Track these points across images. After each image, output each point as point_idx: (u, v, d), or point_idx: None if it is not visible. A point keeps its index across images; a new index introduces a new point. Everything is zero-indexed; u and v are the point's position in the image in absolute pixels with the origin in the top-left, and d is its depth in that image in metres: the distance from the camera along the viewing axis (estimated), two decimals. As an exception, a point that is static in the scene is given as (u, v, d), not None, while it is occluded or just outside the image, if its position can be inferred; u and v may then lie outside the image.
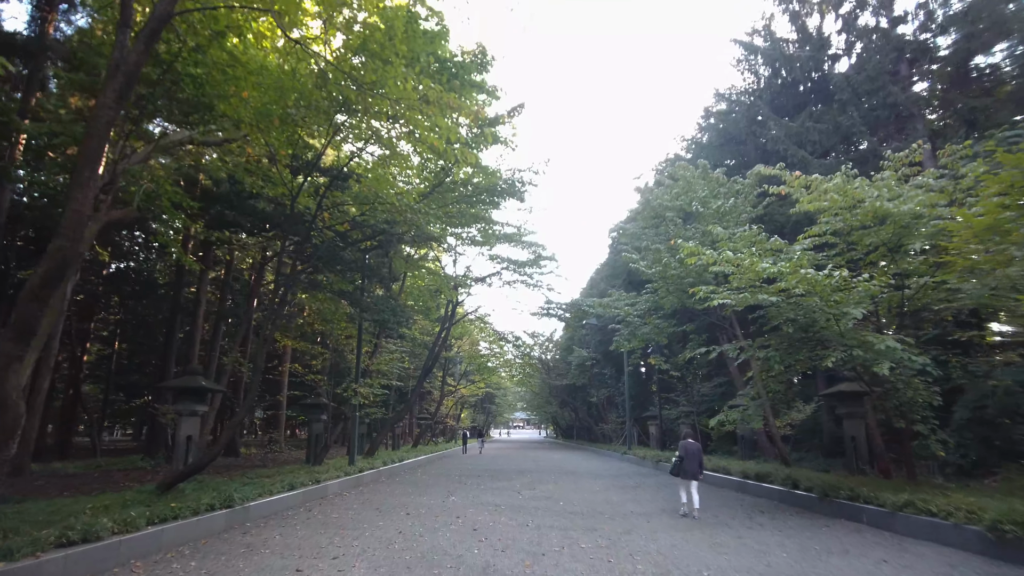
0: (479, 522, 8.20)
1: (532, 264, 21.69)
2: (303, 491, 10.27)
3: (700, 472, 8.78)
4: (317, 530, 7.56)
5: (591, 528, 7.72)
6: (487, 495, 11.50)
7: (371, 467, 15.27)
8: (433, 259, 21.63)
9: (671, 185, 14.24)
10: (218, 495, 7.82)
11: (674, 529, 7.71)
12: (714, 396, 21.49)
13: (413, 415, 35.39)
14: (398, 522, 8.18)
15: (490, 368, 32.82)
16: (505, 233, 20.71)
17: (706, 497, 11.19)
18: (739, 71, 23.24)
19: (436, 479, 15.20)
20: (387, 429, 20.26)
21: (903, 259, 9.40)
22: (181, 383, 10.91)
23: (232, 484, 9.33)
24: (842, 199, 8.73)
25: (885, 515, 7.61)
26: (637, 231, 15.46)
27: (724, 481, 13.14)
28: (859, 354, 7.66)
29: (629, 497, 11.24)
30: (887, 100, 17.68)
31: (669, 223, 13.77)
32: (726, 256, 8.91)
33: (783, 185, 10.38)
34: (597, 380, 37.07)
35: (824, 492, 8.98)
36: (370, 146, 9.91)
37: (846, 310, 7.81)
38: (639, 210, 17.12)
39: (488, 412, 64.65)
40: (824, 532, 7.55)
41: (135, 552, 5.81)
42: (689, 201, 12.99)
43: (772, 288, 8.63)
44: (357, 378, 14.60)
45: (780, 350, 8.96)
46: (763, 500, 10.72)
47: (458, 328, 27.54)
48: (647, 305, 14.50)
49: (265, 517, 8.50)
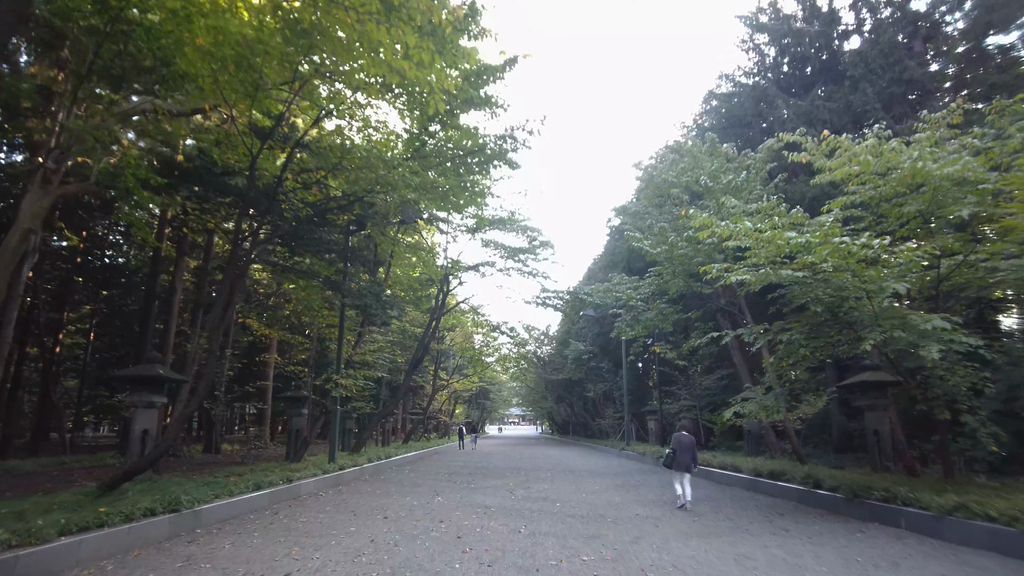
0: (465, 528, 7.19)
1: (528, 252, 20.65)
2: (271, 492, 9.23)
3: (694, 465, 8.77)
4: (276, 538, 6.53)
5: (593, 535, 6.72)
6: (477, 495, 10.49)
7: (354, 464, 14.24)
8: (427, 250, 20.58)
9: (676, 160, 13.23)
10: (162, 497, 6.77)
11: (688, 536, 6.72)
12: (716, 389, 20.56)
13: (406, 410, 34.39)
14: (373, 528, 7.16)
15: (483, 362, 31.76)
16: (499, 218, 19.67)
17: (717, 497, 10.22)
18: (744, 50, 22.22)
19: (424, 477, 14.18)
20: (374, 424, 19.22)
21: (939, 234, 8.42)
22: (135, 372, 9.83)
23: (185, 484, 8.29)
24: (875, 163, 7.72)
25: (929, 519, 6.64)
26: (640, 210, 14.41)
27: (733, 479, 12.19)
28: (900, 336, 6.67)
29: (632, 497, 10.26)
30: (903, 75, 16.70)
31: (674, 201, 12.74)
32: (744, 228, 7.89)
33: (803, 152, 9.36)
34: (594, 374, 36.13)
35: (853, 492, 8.01)
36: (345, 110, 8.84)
37: (885, 285, 6.81)
38: (642, 187, 16.09)
39: (483, 408, 63.69)
40: (860, 540, 6.58)
41: (37, 570, 4.76)
42: (696, 177, 11.97)
43: (796, 263, 7.62)
44: (338, 369, 13.54)
45: (805, 333, 7.95)
46: (779, 501, 9.75)
47: (450, 319, 26.52)
48: (651, 289, 13.47)
49: (221, 522, 7.45)
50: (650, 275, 13.35)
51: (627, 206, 16.96)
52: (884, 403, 10.36)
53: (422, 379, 33.18)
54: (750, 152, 12.81)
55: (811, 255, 7.31)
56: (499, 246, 20.52)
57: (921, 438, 13.30)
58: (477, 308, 26.16)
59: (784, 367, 8.99)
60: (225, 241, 20.63)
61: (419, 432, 35.31)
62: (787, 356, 8.93)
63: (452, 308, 23.25)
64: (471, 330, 29.95)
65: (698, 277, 12.02)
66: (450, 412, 44.88)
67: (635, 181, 27.06)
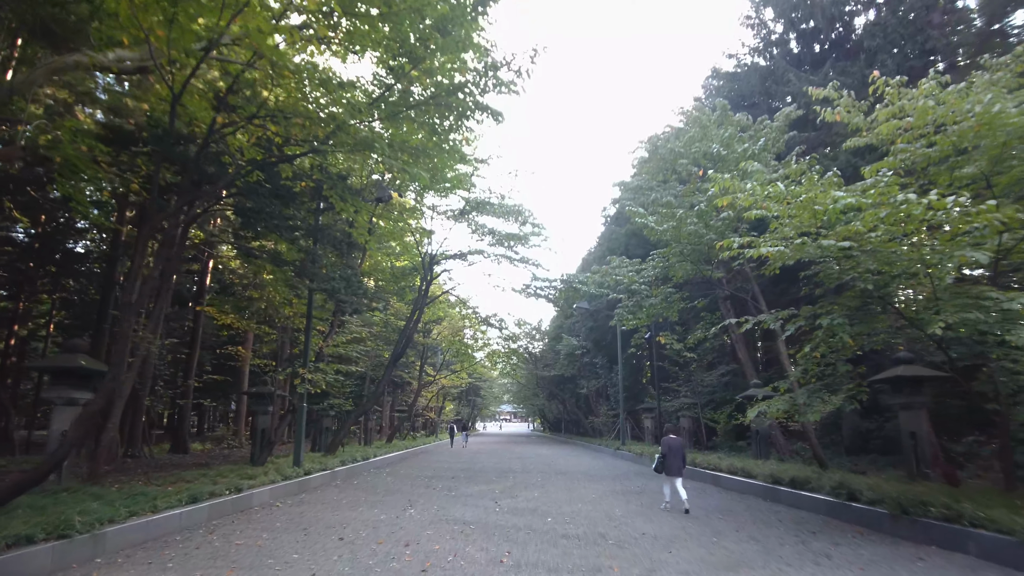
0: (434, 554, 5.82)
1: (518, 239, 19.23)
2: (211, 504, 7.80)
3: (684, 468, 8.74)
4: (193, 570, 5.14)
5: (595, 568, 5.37)
6: (456, 507, 9.11)
7: (324, 468, 12.84)
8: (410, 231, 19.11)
9: (683, 131, 11.89)
10: (47, 520, 5.35)
11: (712, 567, 5.39)
12: (718, 386, 19.30)
13: (392, 407, 32.91)
14: (321, 555, 5.77)
15: (471, 356, 30.31)
16: (487, 201, 18.27)
17: (732, 509, 8.91)
18: (748, 27, 20.88)
19: (401, 482, 12.80)
20: (350, 422, 17.80)
21: (1001, 201, 7.11)
22: (53, 362, 8.40)
23: (107, 497, 6.86)
24: (935, 112, 6.40)
25: (1011, 547, 5.35)
26: (642, 185, 13.03)
27: (746, 486, 10.89)
28: (975, 317, 5.37)
29: (635, 509, 8.93)
30: (925, 46, 15.45)
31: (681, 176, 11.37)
32: (776, 192, 6.56)
33: (836, 110, 8.04)
34: (587, 370, 34.88)
35: (901, 508, 6.71)
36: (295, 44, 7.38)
37: (957, 255, 5.50)
38: (645, 160, 14.65)
39: (473, 405, 62.36)
40: (924, 570, 5.28)
41: None
42: (706, 148, 10.62)
43: (838, 232, 6.28)
44: (305, 362, 12.11)
45: (847, 317, 6.62)
46: (805, 514, 8.46)
47: (436, 311, 25.11)
48: (655, 272, 12.08)
49: (133, 547, 6.03)
50: (654, 257, 11.97)
51: (628, 182, 15.55)
52: (921, 401, 9.09)
53: (408, 375, 31.76)
54: (767, 119, 11.47)
55: (859, 222, 5.99)
56: (488, 231, 19.11)
57: (950, 440, 12.10)
58: (465, 300, 24.74)
59: (817, 358, 7.65)
60: (196, 228, 19.07)
61: (405, 430, 33.89)
62: (822, 345, 7.60)
63: (437, 297, 21.84)
64: (459, 324, 28.51)
65: (708, 259, 10.70)
66: (439, 409, 43.46)
67: (631, 168, 25.68)
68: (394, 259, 22.49)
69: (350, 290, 11.31)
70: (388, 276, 21.25)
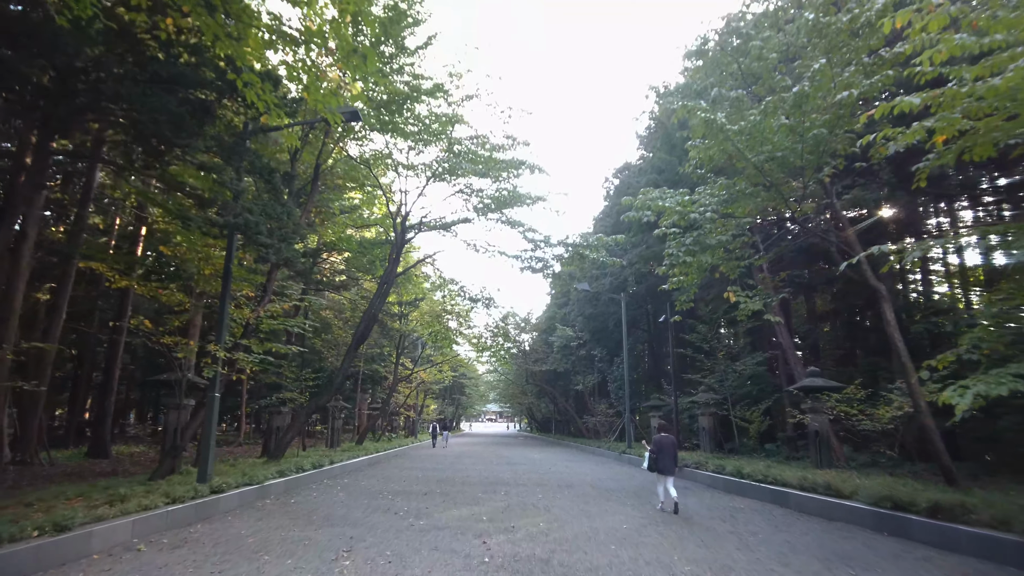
0: None
1: (514, 200, 15.89)
2: (7, 553, 4.42)
3: (675, 467, 8.61)
4: None
5: None
6: (420, 552, 5.76)
7: (250, 482, 9.43)
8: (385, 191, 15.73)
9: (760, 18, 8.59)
10: None
11: None
12: (752, 377, 16.17)
13: (367, 404, 29.35)
14: None
15: (453, 338, 26.93)
16: (472, 151, 14.96)
17: (862, 557, 5.69)
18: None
19: (353, 501, 9.41)
20: (302, 420, 14.40)
21: None
22: None
23: None
24: None
25: None
26: (699, 86, 9.42)
27: (836, 509, 7.70)
28: None
29: (704, 554, 5.69)
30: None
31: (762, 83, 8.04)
32: None
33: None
34: (583, 364, 31.72)
35: None
36: None
37: None
38: (695, 69, 10.86)
39: (457, 403, 58.94)
40: None
41: None
42: (802, 22, 7.33)
43: None
44: (220, 337, 8.69)
45: None
46: (962, 560, 5.30)
47: (415, 289, 21.73)
48: (715, 200, 8.47)
49: None
50: (710, 182, 8.52)
51: (671, 90, 12.06)
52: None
53: (385, 368, 28.31)
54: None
55: None
56: (473, 192, 15.78)
57: None
58: (448, 280, 21.32)
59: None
60: (108, 175, 15.44)
61: (381, 430, 30.41)
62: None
63: (413, 267, 18.47)
64: (440, 309, 25.09)
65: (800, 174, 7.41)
66: (419, 408, 39.99)
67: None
68: (362, 228, 19.11)
69: (280, 233, 7.97)
70: (356, 248, 17.85)
